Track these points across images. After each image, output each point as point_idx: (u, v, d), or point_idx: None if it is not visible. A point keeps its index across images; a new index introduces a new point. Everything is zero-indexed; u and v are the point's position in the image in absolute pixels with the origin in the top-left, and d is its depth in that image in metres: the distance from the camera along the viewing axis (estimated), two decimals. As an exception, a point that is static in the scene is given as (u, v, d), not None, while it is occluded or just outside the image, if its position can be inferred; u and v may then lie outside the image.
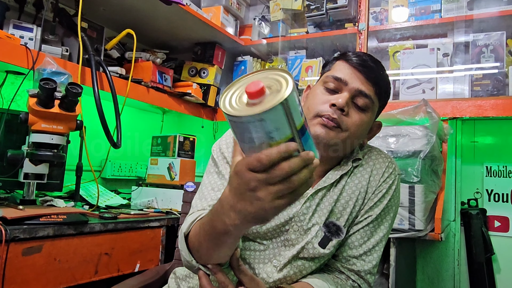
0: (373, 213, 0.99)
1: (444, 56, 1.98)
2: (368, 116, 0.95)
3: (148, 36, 2.19)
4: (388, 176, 1.01)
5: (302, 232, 0.96)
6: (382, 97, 0.98)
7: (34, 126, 1.24)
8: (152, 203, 1.88)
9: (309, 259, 0.97)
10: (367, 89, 0.93)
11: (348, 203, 0.98)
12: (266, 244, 0.97)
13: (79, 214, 1.32)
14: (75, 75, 1.51)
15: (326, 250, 0.95)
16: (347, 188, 0.99)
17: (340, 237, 0.96)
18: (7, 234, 1.06)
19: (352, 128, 0.93)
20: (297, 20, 2.44)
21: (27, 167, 1.31)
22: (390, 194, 1.01)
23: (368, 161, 1.03)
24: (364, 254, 0.99)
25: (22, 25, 1.46)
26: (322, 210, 0.97)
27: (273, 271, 0.95)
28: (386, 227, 1.01)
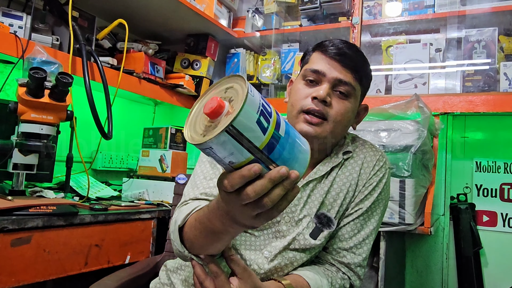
0: (363, 206, 1.00)
1: (436, 51, 1.99)
2: (352, 102, 0.96)
3: (140, 27, 2.16)
4: (378, 170, 1.02)
5: (293, 224, 0.97)
6: (363, 81, 0.99)
7: (23, 116, 1.23)
8: (143, 195, 1.87)
9: (300, 250, 0.97)
10: (345, 76, 0.94)
11: (338, 195, 0.99)
12: (257, 235, 0.97)
13: (69, 205, 1.31)
14: (66, 65, 1.49)
15: (317, 241, 0.96)
16: (338, 180, 1.00)
17: (331, 228, 0.97)
18: (-5, 224, 1.05)
19: (337, 118, 0.94)
20: (291, 13, 2.43)
21: (16, 157, 1.29)
22: (380, 188, 1.01)
23: (359, 153, 1.03)
24: (355, 247, 0.99)
25: (11, 13, 1.44)
26: (313, 202, 0.98)
27: (264, 262, 0.96)
28: (376, 220, 1.02)
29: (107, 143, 2.00)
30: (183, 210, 0.87)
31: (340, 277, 0.99)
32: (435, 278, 2.05)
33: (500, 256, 1.95)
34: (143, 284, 1.30)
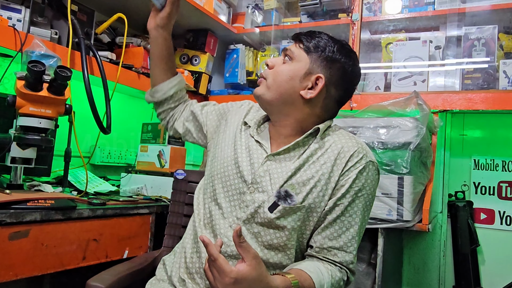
0: (345, 200, 1.01)
1: (436, 48, 1.99)
2: (292, 65, 1.06)
3: (140, 21, 2.14)
4: (357, 161, 1.02)
5: (256, 195, 1.02)
6: (310, 48, 1.05)
7: (21, 110, 1.22)
8: (141, 190, 1.86)
9: (262, 225, 1.01)
10: (291, 46, 1.08)
11: (309, 180, 1.01)
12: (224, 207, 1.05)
13: (67, 199, 1.31)
14: (64, 59, 1.49)
15: (273, 214, 0.99)
16: (312, 166, 1.02)
17: (287, 204, 0.99)
18: (-7, 218, 1.05)
19: (273, 74, 1.07)
20: (291, 9, 2.42)
21: (14, 151, 1.28)
22: (361, 181, 1.02)
23: (337, 143, 1.05)
24: (345, 245, 1.01)
25: (10, 6, 1.43)
26: (278, 178, 1.02)
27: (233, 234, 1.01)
28: (363, 216, 1.03)
29: (105, 138, 2.00)
30: None
31: (338, 269, 1.01)
32: (432, 275, 2.06)
33: (497, 253, 1.96)
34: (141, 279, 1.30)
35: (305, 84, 1.04)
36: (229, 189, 1.07)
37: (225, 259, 0.81)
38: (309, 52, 1.04)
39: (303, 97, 1.04)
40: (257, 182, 1.03)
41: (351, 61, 1.06)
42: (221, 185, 1.09)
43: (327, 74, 1.04)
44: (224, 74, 2.42)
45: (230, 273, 0.80)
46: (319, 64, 1.04)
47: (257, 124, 1.14)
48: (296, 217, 1.00)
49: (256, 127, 1.13)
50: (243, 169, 1.06)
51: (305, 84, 1.04)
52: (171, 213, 1.52)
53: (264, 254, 1.01)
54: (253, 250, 0.83)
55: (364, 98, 1.96)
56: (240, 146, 1.10)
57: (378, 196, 1.60)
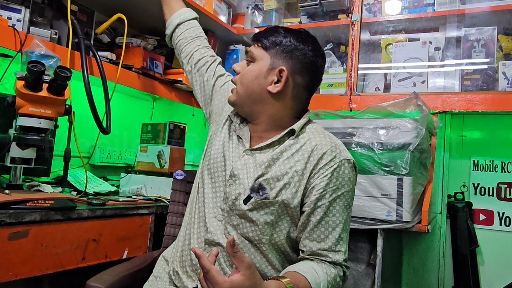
0: (325, 201, 1.03)
1: (435, 49, 1.99)
2: (255, 65, 1.10)
3: (140, 22, 2.15)
4: (331, 159, 1.04)
5: (234, 187, 1.06)
6: (268, 45, 1.09)
7: (21, 110, 1.22)
8: (141, 191, 1.87)
9: (240, 217, 1.04)
10: (251, 48, 1.12)
11: (283, 176, 1.04)
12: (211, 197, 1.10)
13: (67, 199, 1.31)
14: (64, 59, 1.49)
15: (246, 206, 1.03)
16: (286, 162, 1.05)
17: (259, 196, 1.03)
18: (-8, 218, 1.05)
19: (239, 78, 1.11)
20: (291, 9, 2.42)
21: (14, 151, 1.28)
22: (338, 180, 1.04)
23: (311, 141, 1.08)
24: (333, 245, 1.03)
25: (10, 6, 1.43)
26: (254, 171, 1.06)
27: (219, 224, 1.07)
28: (345, 215, 1.06)
29: (105, 138, 2.00)
30: None
31: (333, 266, 1.03)
32: (431, 276, 2.06)
33: (496, 254, 1.96)
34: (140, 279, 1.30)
35: (271, 79, 1.08)
36: (216, 180, 1.11)
37: (218, 270, 0.82)
38: (268, 49, 1.09)
39: (271, 92, 1.08)
40: (235, 175, 1.07)
41: (309, 46, 1.09)
42: (210, 176, 1.13)
43: (288, 65, 1.08)
44: (224, 75, 2.42)
45: (223, 283, 0.80)
46: (279, 58, 1.08)
47: (240, 120, 1.17)
48: (269, 211, 1.03)
49: (239, 123, 1.16)
50: (227, 162, 1.11)
51: (271, 79, 1.08)
52: (171, 214, 1.52)
53: (244, 245, 1.05)
54: (247, 260, 0.83)
55: (363, 99, 1.96)
56: (226, 139, 1.15)
57: (377, 197, 1.61)
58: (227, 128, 1.18)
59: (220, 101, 1.29)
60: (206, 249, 1.06)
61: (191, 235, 1.11)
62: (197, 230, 1.11)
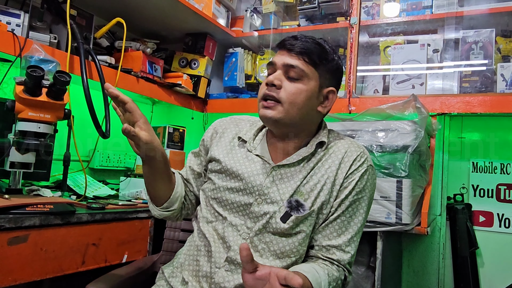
0: (346, 201, 1.03)
1: (434, 52, 2.00)
2: (305, 84, 1.02)
3: (139, 25, 2.16)
4: (360, 165, 1.05)
5: (265, 206, 1.03)
6: (318, 63, 1.03)
7: (20, 114, 1.22)
8: (140, 194, 1.86)
9: (274, 233, 1.02)
10: (293, 61, 1.01)
11: (316, 186, 1.03)
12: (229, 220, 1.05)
13: (66, 204, 1.31)
14: (63, 63, 1.49)
15: (286, 225, 1.01)
16: (317, 172, 1.05)
17: (300, 213, 1.01)
18: (-8, 223, 1.05)
19: (289, 98, 1.00)
20: (289, 12, 2.43)
21: (13, 155, 1.28)
22: (362, 184, 1.04)
23: (340, 148, 1.07)
24: (343, 244, 1.03)
25: (9, 11, 1.43)
26: (287, 187, 1.03)
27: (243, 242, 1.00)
28: (362, 218, 1.06)
29: (104, 141, 2.00)
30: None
31: (336, 269, 1.02)
32: (431, 278, 2.06)
33: (496, 256, 1.96)
34: (140, 283, 1.30)
35: (320, 100, 1.06)
36: (233, 202, 1.06)
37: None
38: (317, 66, 1.03)
39: (319, 111, 1.06)
40: (264, 193, 1.04)
41: (340, 59, 1.09)
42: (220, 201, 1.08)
43: (333, 84, 1.07)
44: (223, 78, 2.43)
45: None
46: (327, 76, 1.05)
47: (253, 138, 1.13)
48: (307, 222, 1.03)
49: (252, 141, 1.12)
50: (248, 181, 1.05)
51: (320, 99, 1.06)
52: (170, 217, 1.52)
53: (276, 263, 1.02)
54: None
55: (362, 101, 1.96)
56: (238, 160, 1.10)
57: (376, 199, 1.61)
58: (238, 149, 1.12)
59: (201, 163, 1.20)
60: (225, 266, 1.02)
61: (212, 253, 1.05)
62: (216, 248, 1.05)
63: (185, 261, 1.09)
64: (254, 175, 1.06)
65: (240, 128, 1.17)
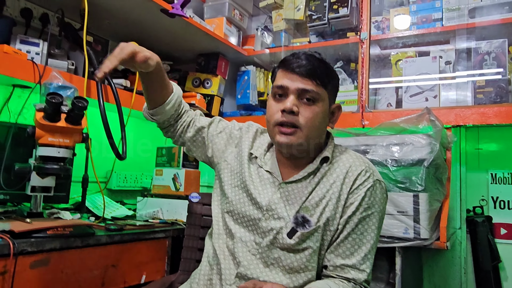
0: (354, 218, 1.03)
1: (446, 64, 1.99)
2: (319, 106, 1.04)
3: (152, 48, 2.17)
4: (365, 180, 1.04)
5: (272, 222, 1.04)
6: (326, 82, 1.04)
7: (41, 140, 1.26)
8: (157, 214, 1.88)
9: (283, 249, 1.03)
10: (307, 85, 1.02)
11: (321, 201, 1.04)
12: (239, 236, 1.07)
13: (85, 226, 1.34)
14: (81, 88, 1.53)
15: (292, 240, 1.02)
16: (322, 187, 1.05)
17: (306, 229, 1.02)
18: (15, 247, 1.08)
19: (308, 123, 1.02)
20: (300, 29, 2.45)
21: (34, 180, 1.32)
22: (370, 200, 1.04)
23: (345, 162, 1.08)
24: (358, 263, 1.02)
25: (28, 40, 1.49)
26: (293, 204, 1.05)
27: (252, 258, 1.04)
28: (375, 234, 1.05)
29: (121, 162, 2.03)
30: None
31: (352, 286, 1.01)
32: (453, 294, 2.01)
33: (520, 269, 1.91)
34: (158, 304, 1.30)
35: (329, 117, 1.10)
36: (244, 215, 1.09)
37: None
38: (326, 86, 1.05)
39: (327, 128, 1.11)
40: (272, 209, 1.05)
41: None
42: (232, 215, 1.11)
43: (335, 99, 1.10)
44: (236, 96, 2.46)
45: None
46: (332, 94, 1.09)
47: (263, 153, 1.15)
48: (313, 238, 1.02)
49: (263, 156, 1.14)
50: (256, 196, 1.08)
51: (329, 116, 1.10)
52: (187, 237, 1.53)
53: (286, 278, 1.02)
54: None
55: (375, 115, 1.96)
56: (249, 175, 1.12)
57: (393, 214, 1.59)
58: (249, 164, 1.14)
59: (218, 143, 1.22)
60: (235, 283, 1.04)
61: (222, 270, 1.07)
62: (227, 265, 1.07)
63: (200, 281, 1.12)
64: (262, 190, 1.08)
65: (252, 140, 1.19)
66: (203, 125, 1.24)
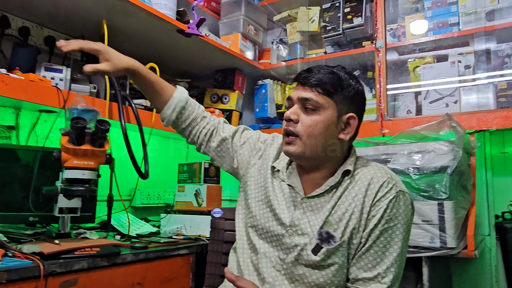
0: (376, 230, 1.01)
1: (466, 68, 1.96)
2: (321, 115, 1.03)
3: (170, 67, 2.26)
4: (388, 191, 1.02)
5: (296, 238, 1.04)
6: (332, 92, 1.04)
7: (66, 163, 1.30)
8: (181, 230, 1.91)
9: (308, 266, 1.02)
10: (306, 94, 1.04)
11: (344, 215, 1.02)
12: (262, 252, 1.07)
13: (111, 245, 1.36)
14: (103, 111, 1.58)
15: (317, 257, 1.01)
16: (344, 200, 1.04)
17: (331, 245, 1.00)
18: (45, 269, 1.11)
19: (306, 130, 1.03)
20: (315, 40, 2.47)
21: (61, 202, 1.37)
22: (393, 211, 1.01)
23: (366, 174, 1.05)
24: (379, 275, 1.00)
25: (52, 67, 1.55)
26: (317, 219, 1.04)
27: (277, 275, 1.04)
28: (399, 247, 1.01)
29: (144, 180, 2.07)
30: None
31: None
32: (485, 303, 1.95)
33: (555, 276, 1.84)
34: (185, 321, 1.31)
35: (340, 127, 1.06)
36: (268, 230, 1.09)
37: None
38: (332, 95, 1.04)
39: (341, 139, 1.06)
40: (295, 225, 1.05)
41: (361, 87, 1.10)
42: (256, 230, 1.11)
43: (353, 110, 1.07)
44: (254, 109, 2.48)
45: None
46: (345, 103, 1.05)
47: (286, 167, 1.15)
48: (339, 253, 1.02)
49: (285, 170, 1.14)
50: (279, 211, 1.08)
51: (340, 126, 1.06)
52: (211, 252, 1.54)
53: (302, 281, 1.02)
54: None
55: (395, 123, 1.94)
56: (273, 190, 1.12)
57: (418, 224, 1.57)
58: (272, 178, 1.15)
59: (243, 154, 1.23)
60: None
61: None
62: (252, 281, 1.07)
63: None
64: (285, 205, 1.08)
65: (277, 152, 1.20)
66: (226, 135, 1.25)
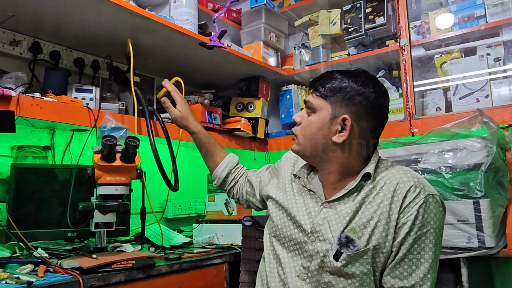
0: (409, 238, 0.98)
1: (495, 61, 1.90)
2: (316, 116, 1.07)
3: (195, 79, 2.31)
4: (416, 196, 0.99)
5: (318, 244, 1.03)
6: (327, 95, 1.06)
7: (100, 180, 1.35)
8: (213, 239, 1.93)
9: (332, 273, 1.01)
10: (308, 97, 1.11)
11: (369, 222, 1.00)
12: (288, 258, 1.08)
13: (146, 258, 1.40)
14: (132, 127, 1.63)
15: (339, 263, 0.99)
16: (369, 207, 1.01)
17: (350, 250, 0.98)
18: (84, 283, 1.15)
19: (301, 131, 1.10)
20: (338, 43, 2.45)
21: (97, 217, 1.42)
22: (424, 217, 0.98)
23: (391, 179, 1.03)
24: (417, 284, 0.98)
25: (83, 87, 1.61)
26: (337, 224, 1.02)
27: (302, 284, 1.04)
28: (433, 252, 0.99)
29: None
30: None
31: None
32: (532, 304, 1.87)
33: None
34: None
35: (334, 129, 1.05)
36: (290, 239, 1.10)
37: None
38: (327, 98, 1.05)
39: (336, 142, 1.05)
40: (316, 231, 1.05)
41: (370, 88, 1.05)
42: (279, 239, 1.13)
43: (351, 111, 1.04)
44: (280, 115, 2.48)
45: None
46: (341, 105, 1.04)
47: (307, 173, 1.16)
48: (363, 261, 0.99)
49: (306, 176, 1.15)
50: (300, 218, 1.08)
51: (334, 129, 1.05)
52: (244, 260, 1.55)
53: None
54: None
55: (424, 122, 1.90)
56: (293, 197, 1.14)
57: (453, 224, 1.53)
58: (292, 186, 1.17)
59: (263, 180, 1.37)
60: None
61: None
62: None
63: None
64: (308, 213, 1.08)
65: (294, 163, 1.24)
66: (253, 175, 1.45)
